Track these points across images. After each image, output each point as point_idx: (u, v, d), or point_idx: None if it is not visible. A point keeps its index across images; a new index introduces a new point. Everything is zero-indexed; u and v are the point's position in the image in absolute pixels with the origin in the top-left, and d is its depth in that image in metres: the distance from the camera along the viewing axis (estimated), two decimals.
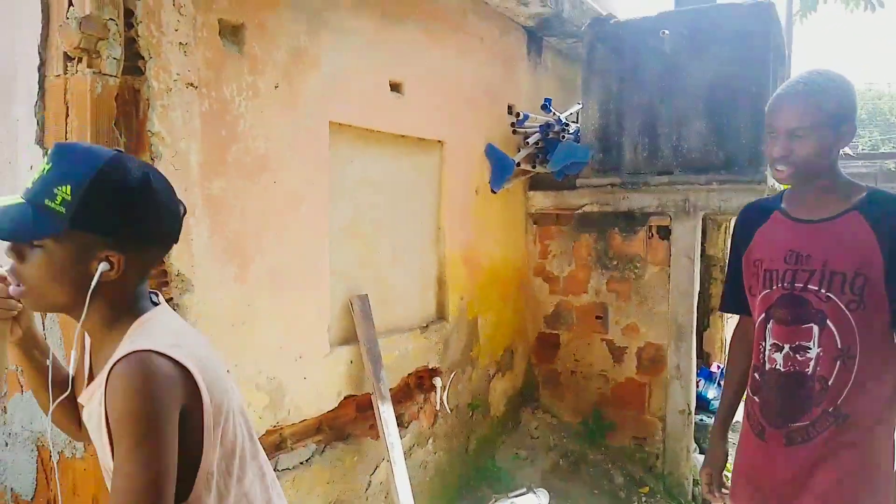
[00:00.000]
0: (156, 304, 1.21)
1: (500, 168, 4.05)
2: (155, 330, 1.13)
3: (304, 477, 2.76)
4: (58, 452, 2.14)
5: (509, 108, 4.27)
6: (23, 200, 1.08)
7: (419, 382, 3.54)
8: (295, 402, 2.70)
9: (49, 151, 1.13)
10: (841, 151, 1.79)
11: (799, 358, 1.77)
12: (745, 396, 1.98)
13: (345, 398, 2.98)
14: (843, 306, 1.71)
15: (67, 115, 2.00)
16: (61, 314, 1.41)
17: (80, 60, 1.97)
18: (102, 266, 1.09)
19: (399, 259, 3.41)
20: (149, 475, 1.01)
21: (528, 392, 4.57)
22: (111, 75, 2.03)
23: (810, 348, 1.76)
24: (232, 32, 2.40)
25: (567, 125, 4.33)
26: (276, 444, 2.66)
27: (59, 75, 2.01)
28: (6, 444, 2.29)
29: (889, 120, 24.68)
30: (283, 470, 2.67)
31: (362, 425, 3.10)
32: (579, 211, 4.36)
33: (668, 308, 4.09)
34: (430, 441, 3.60)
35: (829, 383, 1.74)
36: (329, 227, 2.87)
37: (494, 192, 4.09)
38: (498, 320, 4.19)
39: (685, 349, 4.07)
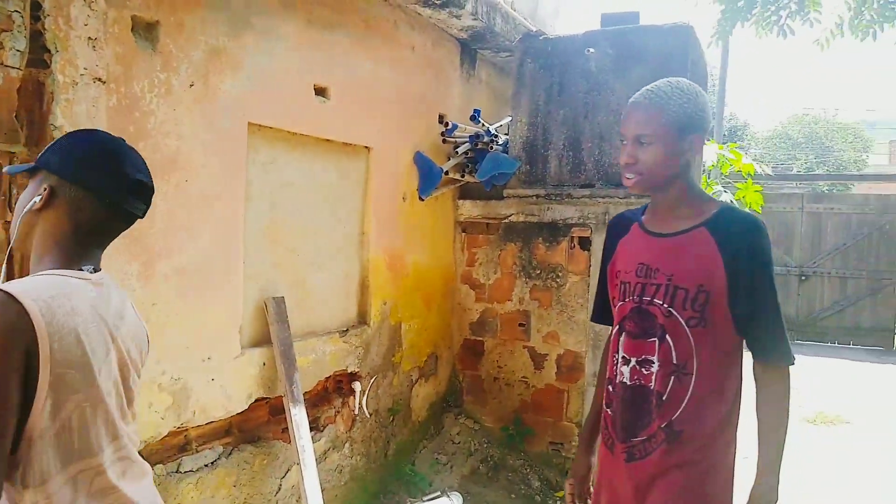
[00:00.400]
0: (93, 272, 1.27)
1: (428, 176, 4.11)
2: (36, 279, 1.18)
3: (208, 479, 2.73)
4: None
5: (440, 117, 4.33)
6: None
7: (337, 386, 3.55)
8: (201, 404, 2.68)
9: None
10: (699, 164, 1.80)
11: (644, 372, 1.75)
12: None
13: (256, 401, 2.97)
14: (682, 322, 1.70)
15: None
16: None
17: None
18: (35, 197, 1.24)
19: (320, 263, 3.42)
20: None
21: (451, 398, 4.62)
22: (14, 67, 2.01)
23: (654, 362, 1.74)
24: (145, 29, 2.38)
25: (496, 136, 4.42)
26: (179, 445, 2.64)
27: None
28: None
29: (823, 144, 25.83)
30: (185, 472, 2.64)
31: (275, 428, 3.10)
32: (506, 220, 4.46)
33: (587, 316, 4.21)
34: (347, 445, 3.61)
35: (664, 398, 1.72)
36: (245, 229, 2.87)
37: (422, 200, 4.14)
38: (422, 326, 4.24)
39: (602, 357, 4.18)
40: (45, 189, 1.23)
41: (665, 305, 1.72)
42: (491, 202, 4.49)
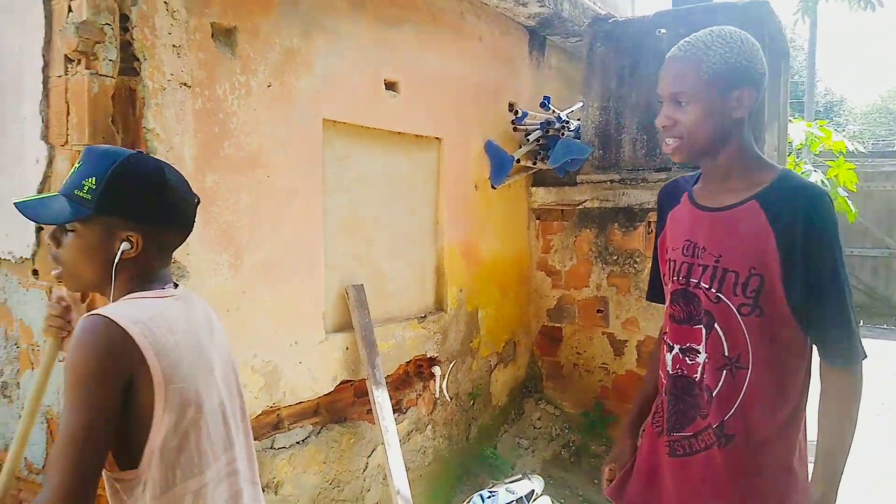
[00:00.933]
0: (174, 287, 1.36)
1: (500, 164, 4.16)
2: (129, 304, 1.24)
3: (300, 455, 2.90)
4: None
5: (510, 105, 4.37)
6: (59, 195, 1.29)
7: (418, 370, 3.66)
8: (290, 385, 2.85)
9: (82, 153, 1.33)
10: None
11: (688, 361, 1.57)
12: None
13: (341, 383, 3.12)
14: (734, 309, 1.48)
15: (68, 113, 2.18)
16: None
17: (78, 62, 2.15)
18: (124, 245, 1.26)
19: (396, 252, 3.54)
20: (78, 422, 1.11)
21: (531, 383, 4.66)
22: (107, 76, 2.21)
23: (699, 352, 1.55)
24: (224, 35, 2.56)
25: (567, 122, 4.41)
26: (273, 423, 2.81)
27: (60, 76, 2.19)
28: (20, 416, 2.48)
29: None
30: (279, 448, 2.81)
31: (360, 409, 3.24)
32: (580, 206, 4.45)
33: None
34: (429, 427, 3.72)
35: (714, 395, 1.52)
36: (324, 221, 3.02)
37: (494, 188, 4.20)
38: (499, 313, 4.30)
39: None
40: (133, 237, 1.26)
41: (713, 290, 1.51)
42: (564, 188, 4.49)
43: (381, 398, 3.18)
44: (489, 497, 3.38)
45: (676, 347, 1.60)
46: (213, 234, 2.51)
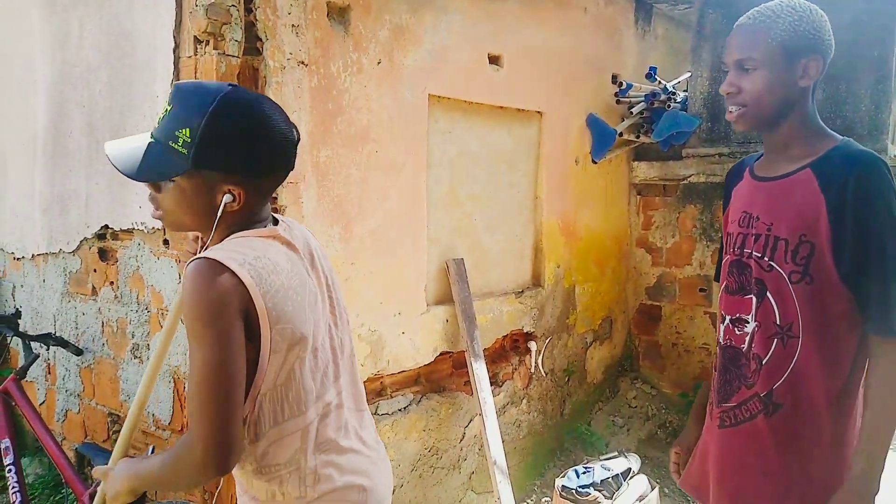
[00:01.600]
0: (275, 223, 1.32)
1: (602, 138, 4.08)
2: (231, 246, 1.20)
3: (402, 422, 3.00)
4: None
5: (613, 77, 4.26)
6: (152, 139, 1.21)
7: (514, 345, 3.69)
8: (394, 354, 2.95)
9: (171, 91, 1.24)
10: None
11: (737, 332, 1.57)
12: None
13: (441, 354, 3.19)
14: (785, 277, 1.48)
15: None
16: None
17: (207, 43, 2.26)
18: (226, 198, 1.20)
19: (495, 227, 3.56)
20: (214, 362, 1.10)
21: (626, 362, 4.61)
22: (233, 56, 2.31)
23: (748, 322, 1.54)
24: (339, 13, 2.62)
25: (674, 94, 4.26)
26: (377, 390, 2.92)
27: (190, 56, 2.32)
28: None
29: None
30: (382, 415, 2.92)
31: (458, 381, 3.31)
32: (685, 181, 4.31)
33: None
34: (525, 401, 3.76)
35: (764, 363, 1.51)
36: (427, 195, 3.07)
37: (595, 163, 4.12)
38: (596, 289, 4.25)
39: None
40: (235, 191, 1.20)
41: (766, 258, 1.51)
42: (668, 163, 4.35)
43: (479, 370, 3.24)
44: (584, 472, 3.39)
45: (728, 318, 1.60)
46: (325, 206, 2.60)
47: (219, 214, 1.21)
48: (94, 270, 2.89)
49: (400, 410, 3.01)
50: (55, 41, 2.96)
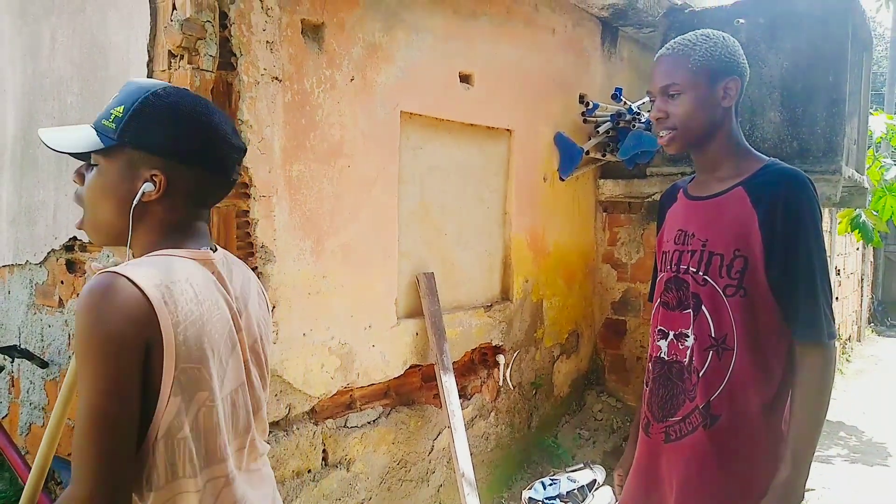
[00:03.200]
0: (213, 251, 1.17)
1: (569, 156, 4.17)
2: (153, 262, 1.05)
3: (371, 435, 3.02)
4: None
5: (581, 97, 4.37)
6: (88, 126, 1.14)
7: (483, 358, 3.74)
8: (364, 367, 2.97)
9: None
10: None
11: (680, 346, 1.61)
12: None
13: (410, 367, 3.22)
14: (720, 291, 1.54)
15: None
16: None
17: (181, 57, 2.28)
18: (146, 185, 1.08)
19: (465, 241, 3.62)
20: (102, 408, 0.96)
21: (593, 375, 4.69)
22: (208, 70, 2.34)
23: (688, 336, 1.59)
24: (313, 31, 2.66)
25: (639, 114, 4.38)
26: (346, 403, 2.94)
27: (164, 70, 2.34)
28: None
29: None
30: (351, 427, 2.94)
31: (427, 394, 3.34)
32: (649, 199, 4.42)
33: None
34: (493, 414, 3.80)
35: (701, 375, 1.56)
36: (398, 210, 3.11)
37: (563, 180, 4.22)
38: (563, 304, 4.33)
39: None
40: (157, 176, 1.09)
41: (700, 273, 1.57)
42: (633, 181, 4.47)
43: (448, 383, 3.27)
44: (551, 484, 3.44)
45: (671, 333, 1.64)
46: (297, 220, 2.63)
47: (133, 203, 1.08)
48: (62, 282, 2.87)
49: (369, 423, 3.03)
50: (26, 51, 2.95)
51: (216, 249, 1.18)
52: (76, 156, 1.15)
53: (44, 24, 2.86)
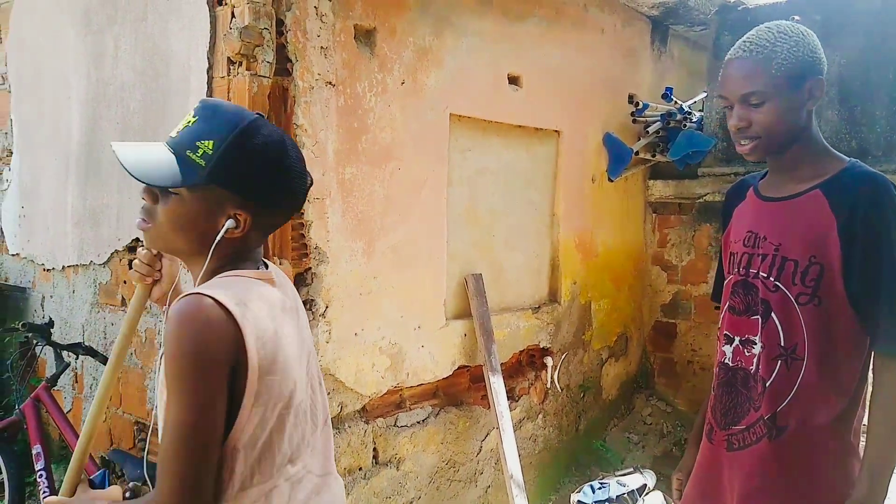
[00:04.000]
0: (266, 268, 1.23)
1: (618, 157, 4.14)
2: (228, 283, 1.11)
3: (420, 435, 3.05)
4: None
5: (630, 97, 4.33)
6: (166, 147, 1.13)
7: (530, 360, 3.73)
8: (413, 367, 3.00)
9: (196, 105, 1.16)
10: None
11: (746, 353, 1.55)
12: None
13: (459, 368, 3.24)
14: (792, 298, 1.47)
15: None
16: None
17: (240, 64, 2.35)
18: (229, 223, 1.11)
19: (513, 243, 3.62)
20: (193, 424, 1.01)
21: (642, 379, 4.63)
22: (265, 76, 2.40)
23: (755, 343, 1.53)
24: (365, 36, 2.71)
25: (690, 113, 4.32)
26: (396, 403, 2.97)
27: (223, 77, 2.41)
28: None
29: None
30: (401, 427, 2.98)
31: (475, 394, 3.36)
32: (700, 200, 4.35)
33: None
34: (540, 416, 3.79)
35: (767, 385, 1.51)
36: (447, 212, 3.14)
37: (611, 181, 4.18)
38: (612, 306, 4.29)
39: None
40: (241, 216, 1.12)
41: (771, 279, 1.50)
42: (684, 181, 4.40)
43: (496, 384, 3.28)
44: (600, 488, 3.42)
45: (737, 339, 1.58)
46: (350, 222, 2.68)
47: (217, 239, 1.11)
48: (124, 282, 2.98)
49: (418, 423, 3.06)
50: (90, 59, 3.08)
51: (268, 266, 1.24)
52: (166, 188, 1.13)
53: (107, 33, 2.97)
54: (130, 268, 2.90)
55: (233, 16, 2.35)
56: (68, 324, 3.33)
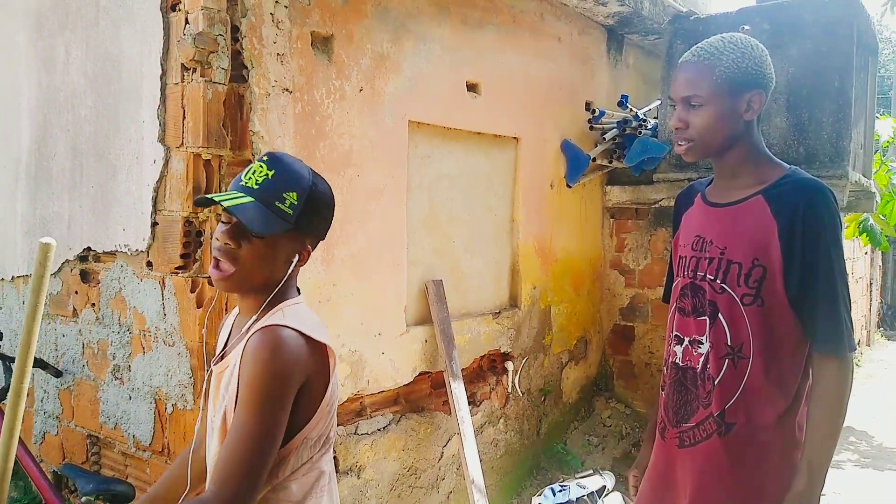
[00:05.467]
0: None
1: (576, 163, 4.20)
2: (300, 313, 1.33)
3: (381, 442, 3.04)
4: (171, 405, 2.52)
5: (587, 104, 4.40)
6: (252, 199, 1.27)
7: (491, 365, 3.76)
8: (374, 374, 2.99)
9: (265, 158, 1.32)
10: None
11: (694, 353, 1.62)
12: None
13: (420, 374, 3.25)
14: (737, 299, 1.54)
15: (184, 117, 2.36)
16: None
17: (194, 70, 2.33)
18: (296, 258, 1.33)
19: (473, 249, 3.64)
20: (262, 433, 1.19)
21: (601, 381, 4.69)
22: (220, 83, 2.38)
23: (703, 343, 1.60)
24: (322, 42, 2.70)
25: (645, 121, 4.41)
26: (356, 410, 2.96)
27: (177, 83, 2.38)
28: (130, 398, 2.70)
29: None
30: (361, 434, 2.96)
31: (436, 400, 3.36)
32: (656, 205, 4.44)
33: None
34: (502, 421, 3.81)
35: (716, 383, 1.57)
36: (407, 218, 3.14)
37: (570, 187, 4.24)
38: (571, 310, 4.35)
39: None
40: (307, 252, 1.34)
41: (718, 281, 1.57)
42: (640, 187, 4.49)
43: (457, 390, 3.29)
44: (560, 490, 3.46)
45: (686, 340, 1.65)
46: None
47: (289, 271, 1.32)
48: (76, 292, 2.91)
49: (379, 430, 3.05)
50: (41, 65, 3.00)
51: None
52: (267, 234, 1.30)
53: (58, 39, 2.91)
54: (82, 278, 2.85)
55: (187, 21, 2.32)
56: (18, 335, 3.23)
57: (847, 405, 1.53)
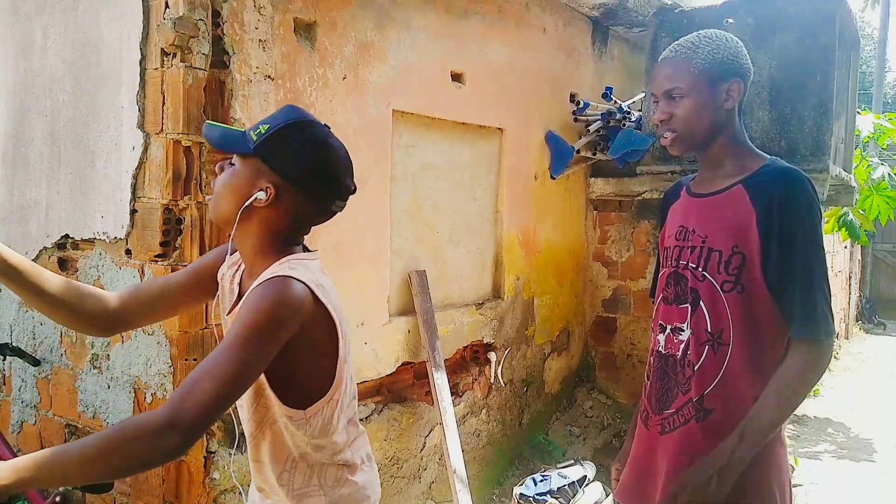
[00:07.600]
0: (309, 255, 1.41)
1: (560, 155, 4.20)
2: (302, 264, 1.31)
3: None
4: (150, 394, 2.50)
5: (572, 96, 4.40)
6: (243, 131, 1.35)
7: (474, 356, 3.76)
8: (356, 365, 2.98)
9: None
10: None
11: (675, 340, 1.65)
12: None
13: (402, 364, 3.24)
14: (717, 286, 1.57)
15: (164, 103, 2.33)
16: None
17: (174, 56, 2.29)
18: (259, 193, 1.29)
19: (457, 239, 3.64)
20: (238, 364, 1.16)
21: (583, 372, 4.72)
22: (200, 69, 2.35)
23: (684, 330, 1.63)
24: (305, 29, 2.68)
25: (629, 113, 4.42)
26: None
27: (157, 69, 2.34)
28: (108, 387, 2.68)
29: None
30: None
31: (419, 391, 3.36)
32: (639, 198, 4.46)
33: None
34: (484, 411, 3.82)
35: (696, 369, 1.60)
36: (391, 208, 3.13)
37: (554, 178, 4.24)
38: (554, 302, 4.36)
39: None
40: (270, 189, 1.29)
41: (699, 269, 1.61)
42: (623, 179, 4.50)
43: (440, 380, 3.29)
44: (542, 480, 3.47)
45: (668, 327, 1.68)
46: None
47: (245, 203, 1.30)
48: None
49: (361, 420, 3.04)
50: (18, 49, 2.95)
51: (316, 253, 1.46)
52: (224, 151, 1.36)
53: (35, 23, 2.86)
54: (60, 266, 2.80)
55: (167, 6, 2.28)
56: None
57: (808, 389, 1.54)
